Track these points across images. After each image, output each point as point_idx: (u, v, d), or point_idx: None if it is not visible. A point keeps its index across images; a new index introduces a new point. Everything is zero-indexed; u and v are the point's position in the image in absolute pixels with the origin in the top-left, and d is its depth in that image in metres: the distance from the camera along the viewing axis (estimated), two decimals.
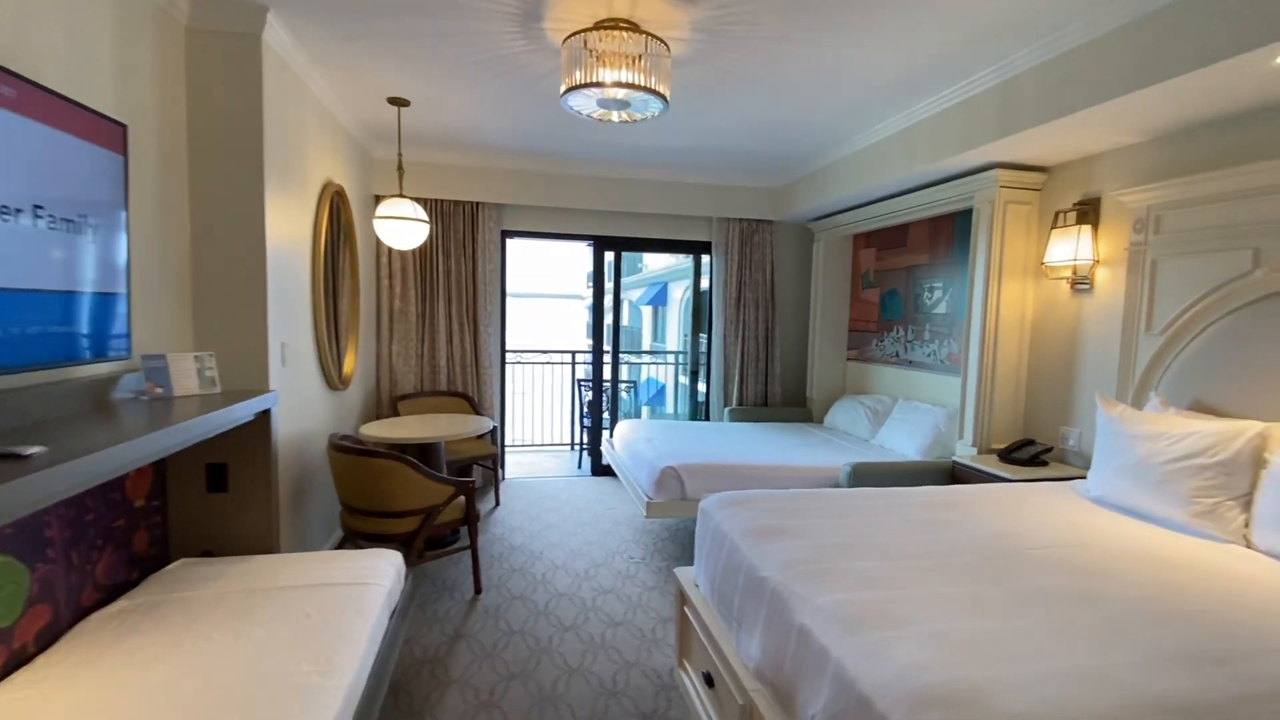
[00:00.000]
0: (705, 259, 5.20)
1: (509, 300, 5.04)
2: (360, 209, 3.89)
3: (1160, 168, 2.58)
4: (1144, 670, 1.13)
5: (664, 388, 11.04)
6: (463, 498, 2.88)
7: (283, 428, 2.62)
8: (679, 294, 12.59)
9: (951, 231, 3.76)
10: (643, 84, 2.25)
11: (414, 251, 4.41)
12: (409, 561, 2.60)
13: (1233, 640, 1.25)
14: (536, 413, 6.65)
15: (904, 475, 3.10)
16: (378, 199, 4.18)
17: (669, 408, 10.19)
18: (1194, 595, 1.47)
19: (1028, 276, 3.16)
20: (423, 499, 2.70)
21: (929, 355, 3.94)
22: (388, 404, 4.30)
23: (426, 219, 3.36)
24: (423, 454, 3.41)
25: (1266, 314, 2.15)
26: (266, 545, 2.23)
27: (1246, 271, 2.21)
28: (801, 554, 1.67)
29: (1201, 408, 2.31)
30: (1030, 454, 2.90)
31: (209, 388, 2.16)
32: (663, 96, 2.35)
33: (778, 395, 5.04)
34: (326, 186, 3.17)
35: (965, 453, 3.22)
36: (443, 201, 4.44)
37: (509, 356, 5.45)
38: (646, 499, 3.11)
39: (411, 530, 2.71)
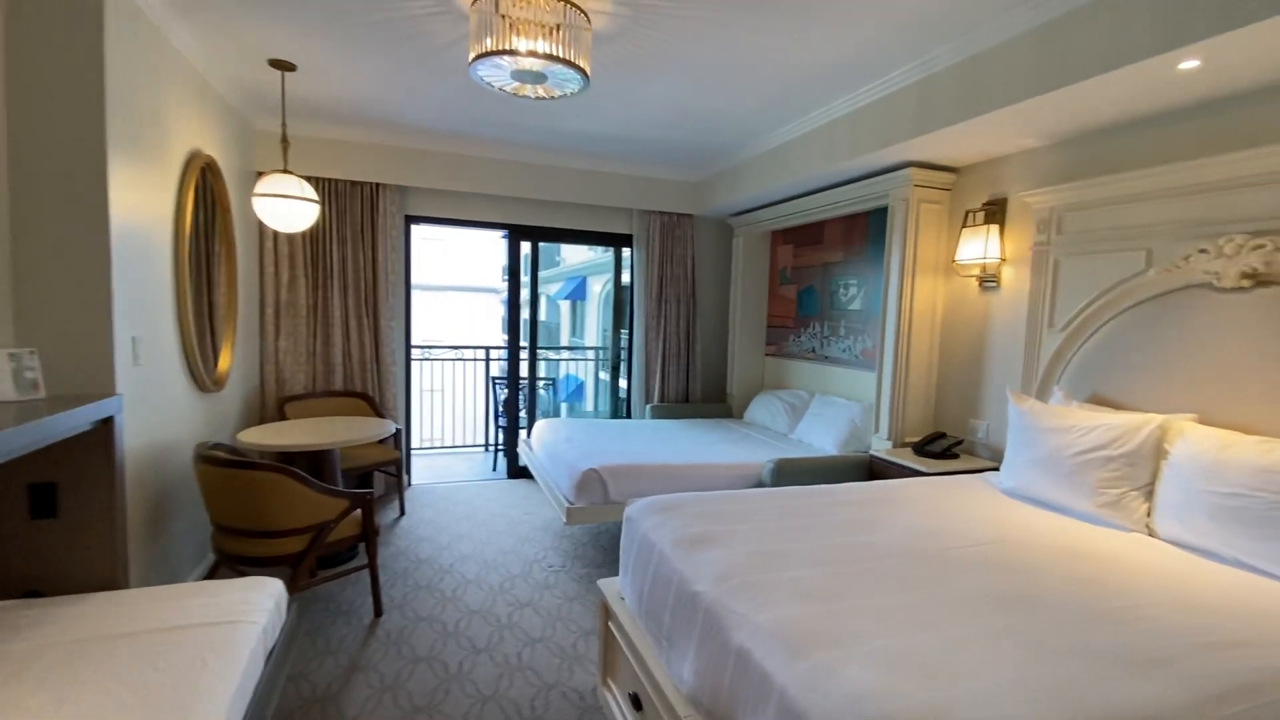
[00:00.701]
0: (626, 252, 5.07)
1: (415, 293, 4.69)
2: (239, 186, 3.44)
3: (1062, 171, 2.69)
4: (1091, 679, 1.09)
5: (583, 384, 10.85)
6: (359, 511, 2.58)
7: (135, 438, 2.23)
8: (598, 288, 12.42)
9: (866, 229, 3.83)
10: (561, 55, 2.06)
11: (304, 236, 3.97)
12: (296, 586, 2.29)
13: (1161, 639, 1.25)
14: (447, 412, 6.28)
15: (824, 471, 3.10)
16: (261, 176, 3.72)
17: (589, 405, 10.02)
18: (1114, 591, 1.49)
19: (938, 274, 3.25)
20: (312, 515, 2.39)
21: (844, 351, 4.00)
22: (273, 407, 3.86)
23: (316, 199, 3.00)
24: (313, 463, 3.05)
25: (1157, 312, 2.27)
26: (110, 580, 1.86)
27: (1140, 271, 2.33)
28: (734, 565, 1.56)
29: (1099, 400, 2.43)
30: (943, 447, 2.97)
31: (29, 392, 1.77)
32: (583, 71, 2.17)
33: (698, 391, 5.00)
34: (194, 158, 2.74)
35: (881, 446, 3.28)
36: (337, 182, 4.03)
37: (416, 353, 5.09)
38: (567, 504, 2.93)
39: (299, 550, 2.39)
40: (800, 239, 4.48)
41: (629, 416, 5.04)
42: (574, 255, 14.64)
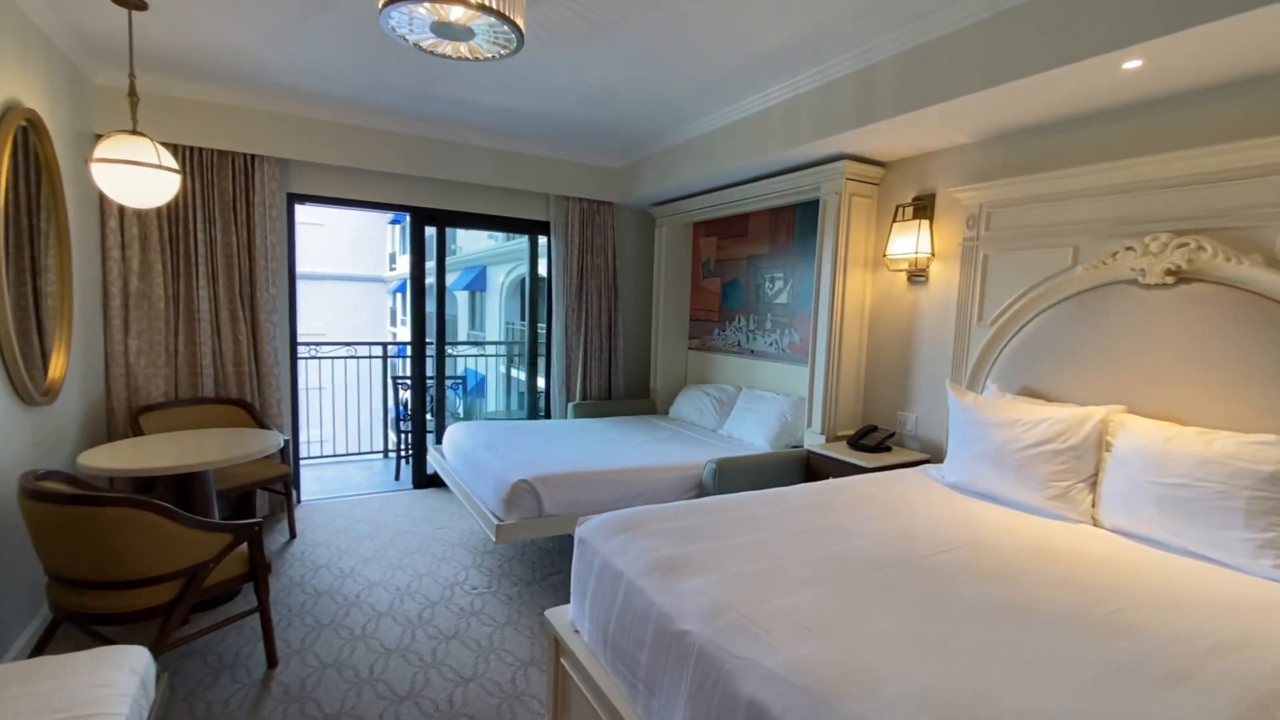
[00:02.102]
0: (543, 240, 4.76)
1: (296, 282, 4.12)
2: (72, 151, 2.79)
3: (991, 167, 2.75)
4: (1133, 703, 1.02)
5: (484, 379, 10.33)
6: (245, 545, 2.16)
7: None
8: (500, 279, 11.87)
9: (793, 222, 3.80)
10: (497, 8, 1.77)
11: (159, 214, 3.33)
12: (163, 642, 1.86)
13: (1166, 648, 1.22)
14: (339, 416, 5.66)
15: (765, 469, 3.03)
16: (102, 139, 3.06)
17: (491, 403, 9.54)
18: (1095, 595, 1.46)
19: (867, 268, 3.26)
20: (183, 556, 1.95)
21: (771, 345, 3.97)
22: (125, 419, 3.21)
23: (176, 168, 2.47)
24: (181, 489, 2.55)
25: (1084, 307, 2.36)
26: None
27: (1068, 267, 2.41)
28: (721, 595, 1.38)
29: (1029, 392, 2.50)
30: (877, 440, 2.99)
31: None
32: (519, 30, 1.89)
33: (621, 387, 4.81)
34: (9, 112, 2.15)
35: (815, 441, 3.26)
36: (204, 151, 3.42)
37: (302, 350, 4.50)
38: (496, 520, 2.64)
39: (168, 600, 1.94)
40: (724, 231, 4.40)
41: (548, 416, 4.76)
42: (472, 243, 13.93)
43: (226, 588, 2.12)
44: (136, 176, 2.40)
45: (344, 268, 17.26)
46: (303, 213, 4.19)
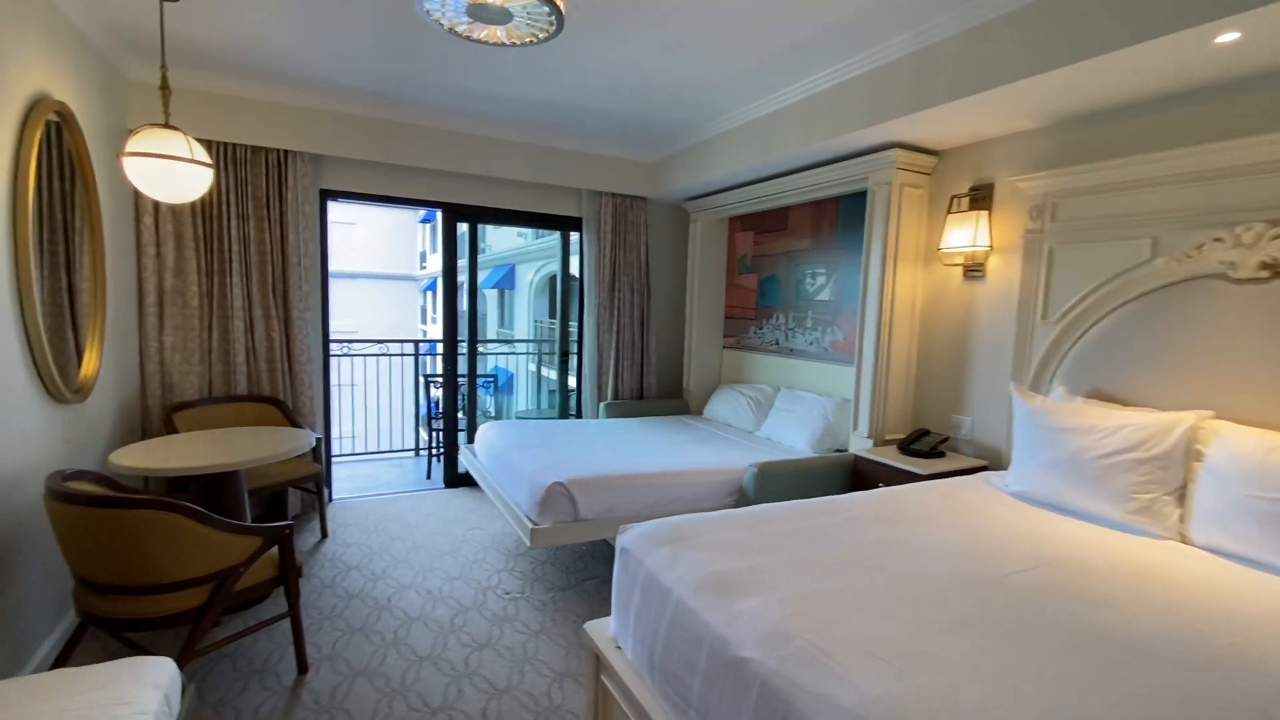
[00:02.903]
0: (574, 237, 4.66)
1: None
2: (106, 146, 2.78)
3: (1057, 154, 2.56)
4: None
5: (513, 377, 10.32)
6: (276, 549, 2.10)
7: None
8: (529, 277, 11.85)
9: (836, 215, 3.64)
10: None
11: (194, 211, 3.32)
12: (191, 649, 1.81)
13: None
14: (370, 414, 5.66)
15: (809, 474, 2.89)
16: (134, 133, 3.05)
17: (520, 400, 9.51)
18: (1202, 623, 1.30)
19: (918, 262, 3.09)
20: (212, 560, 1.89)
21: (812, 343, 3.81)
22: (159, 417, 3.20)
23: (209, 162, 2.43)
24: (212, 488, 2.51)
25: (1164, 303, 2.16)
26: None
27: (1145, 260, 2.22)
28: (783, 619, 1.26)
29: (1100, 396, 2.31)
30: (930, 445, 2.82)
31: None
32: (557, 9, 1.79)
33: (653, 387, 4.70)
34: (38, 104, 2.12)
35: (861, 445, 3.10)
36: (237, 147, 3.39)
37: (334, 347, 4.49)
38: (530, 524, 2.54)
39: (196, 606, 1.89)
40: (762, 226, 4.25)
41: (580, 415, 4.67)
42: (501, 241, 13.96)
43: (256, 592, 2.06)
44: (169, 171, 2.35)
45: (377, 266, 17.47)
46: (336, 211, 4.18)
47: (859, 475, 2.91)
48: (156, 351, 3.29)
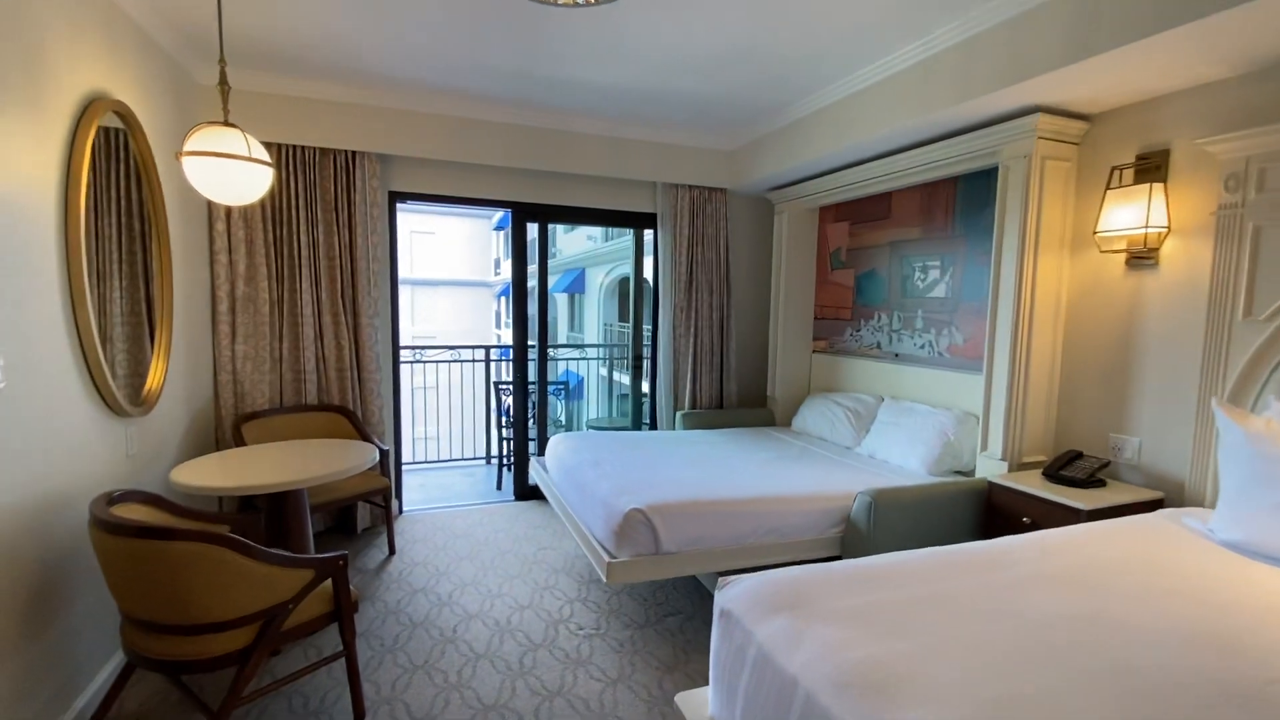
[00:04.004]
0: (648, 235, 4.36)
1: (400, 287, 3.97)
2: (173, 150, 2.71)
3: (1258, 108, 2.02)
4: None
5: (582, 381, 10.15)
6: (329, 582, 1.89)
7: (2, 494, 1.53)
8: (599, 280, 11.69)
9: (952, 198, 3.15)
10: None
11: (265, 216, 3.25)
12: (237, 696, 1.60)
13: None
14: (441, 419, 5.57)
15: (932, 504, 2.44)
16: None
17: (590, 405, 9.32)
18: None
19: (1063, 250, 2.58)
20: (259, 596, 1.69)
21: (923, 347, 3.33)
22: (230, 427, 3.14)
23: (269, 161, 2.27)
24: (275, 507, 2.36)
25: None
26: None
27: None
28: None
29: None
30: (1087, 471, 2.31)
31: None
32: None
33: (734, 395, 4.32)
34: (93, 104, 2.02)
35: (994, 468, 2.61)
36: (306, 150, 3.30)
37: (404, 354, 4.39)
38: (606, 557, 2.24)
39: (243, 647, 1.69)
40: (859, 215, 3.79)
41: (654, 425, 4.36)
42: (571, 245, 13.93)
43: (307, 630, 1.85)
44: (226, 170, 2.20)
45: (455, 273, 17.91)
46: (416, 221, 4.10)
47: (995, 507, 2.44)
48: (229, 360, 3.23)
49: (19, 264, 1.66)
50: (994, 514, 2.43)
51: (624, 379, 7.45)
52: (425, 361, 5.47)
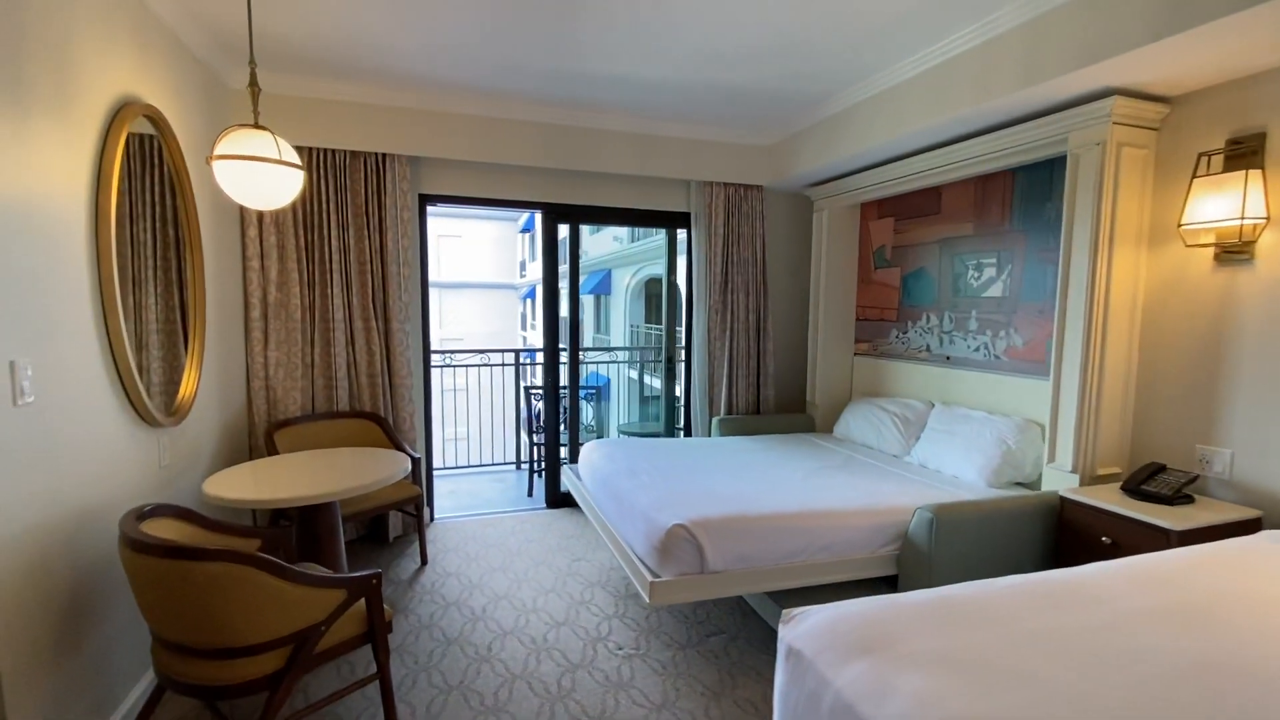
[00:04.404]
0: (681, 235, 4.23)
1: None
2: (205, 155, 2.67)
3: None
4: None
5: (608, 383, 10.06)
6: (362, 602, 1.80)
7: (23, 511, 1.47)
8: (625, 281, 11.60)
9: (1010, 191, 2.96)
10: None
11: (295, 221, 3.21)
12: (270, 717, 1.52)
13: None
14: (470, 422, 5.52)
15: (998, 521, 2.27)
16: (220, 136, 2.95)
17: (619, 412, 9.21)
18: None
19: (1141, 245, 2.38)
20: (291, 618, 1.61)
21: (978, 350, 3.14)
22: (262, 436, 3.10)
23: (299, 164, 2.21)
24: (307, 520, 2.30)
25: None
26: None
27: None
28: None
29: None
30: (1174, 486, 2.11)
31: None
32: None
33: (771, 400, 4.16)
34: (124, 107, 1.97)
35: (1063, 481, 2.43)
36: (336, 152, 3.25)
37: (436, 359, 4.33)
38: (649, 576, 2.12)
39: (274, 671, 1.61)
40: (905, 210, 3.61)
41: (688, 431, 4.23)
42: (597, 246, 13.87)
43: (340, 652, 1.77)
44: (257, 174, 2.13)
45: (482, 276, 18.01)
46: (442, 225, 4.04)
47: (1069, 525, 2.25)
48: (262, 367, 3.19)
49: (48, 272, 1.61)
50: (1068, 532, 2.25)
51: (654, 382, 7.34)
52: (455, 366, 5.42)
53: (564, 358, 4.11)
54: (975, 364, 3.15)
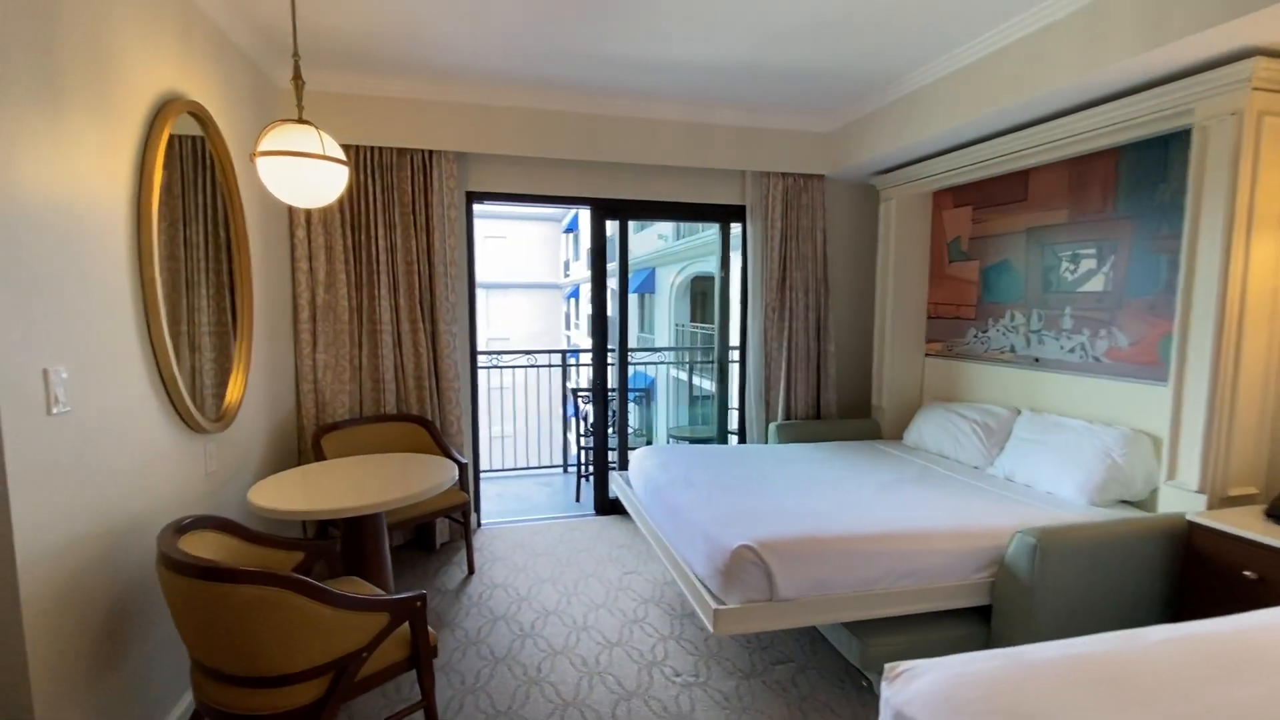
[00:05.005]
0: (735, 230, 4.02)
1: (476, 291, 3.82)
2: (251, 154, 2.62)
3: None
4: None
5: (653, 383, 9.89)
6: (407, 625, 1.68)
7: (60, 523, 1.40)
8: (670, 279, 11.40)
9: (1113, 173, 2.64)
10: None
11: (343, 220, 3.15)
12: None
13: None
14: (516, 422, 5.44)
15: (1115, 548, 1.99)
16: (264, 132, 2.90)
17: (665, 414, 9.02)
18: None
19: None
20: (331, 645, 1.50)
21: (1074, 351, 2.83)
22: (311, 440, 3.04)
23: (343, 159, 2.11)
24: (352, 533, 2.20)
25: None
26: None
27: None
28: None
29: None
30: None
31: None
32: None
33: (832, 404, 3.91)
34: (167, 105, 1.90)
35: (1186, 502, 2.12)
36: (383, 150, 3.18)
37: (483, 359, 4.25)
38: (712, 603, 1.93)
39: (313, 701, 1.50)
40: (986, 198, 3.31)
41: (743, 437, 4.02)
42: (641, 245, 13.71)
43: (382, 679, 1.65)
44: (301, 170, 2.05)
45: (527, 276, 18.11)
46: (488, 226, 3.95)
47: (1199, 554, 1.96)
48: (311, 370, 3.15)
49: (84, 276, 1.53)
50: (1198, 564, 1.95)
51: (703, 383, 7.13)
52: (502, 367, 5.35)
53: (611, 358, 3.96)
54: (1069, 366, 2.83)
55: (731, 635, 2.47)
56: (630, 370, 10.13)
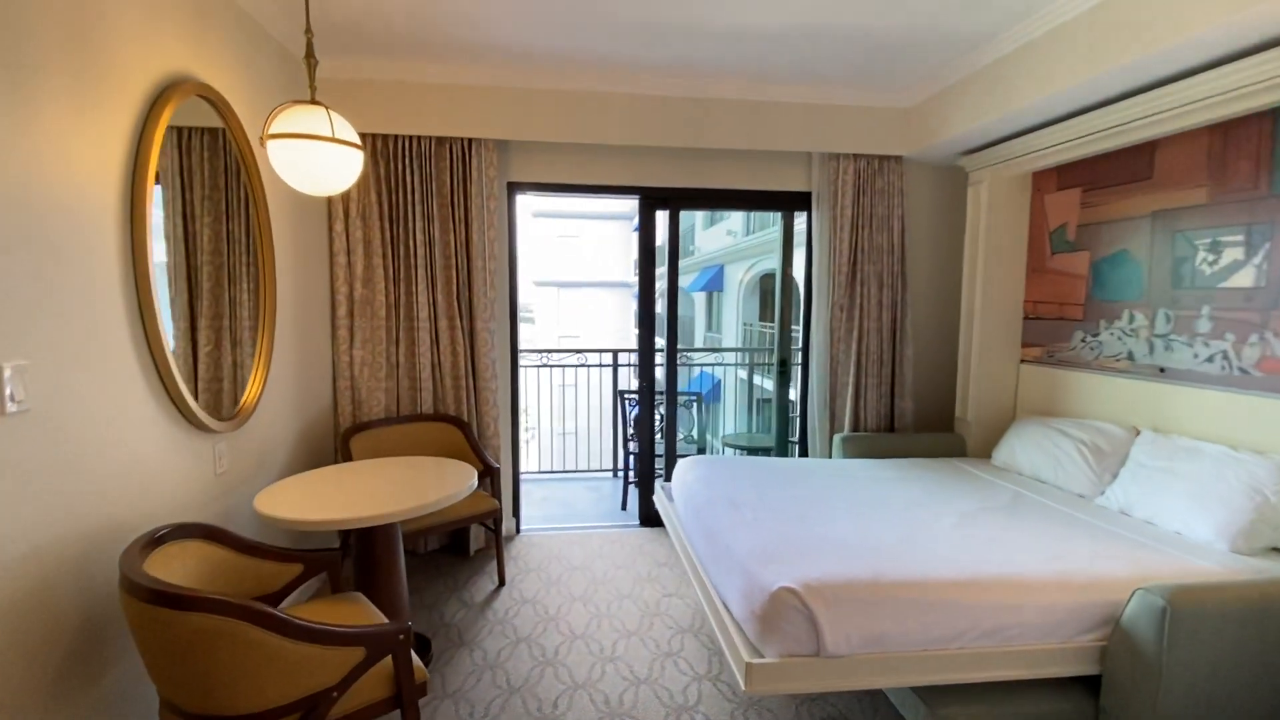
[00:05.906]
0: (799, 221, 3.66)
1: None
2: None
3: None
4: None
5: (718, 384, 9.53)
6: (389, 660, 1.49)
7: (24, 528, 1.29)
8: (739, 277, 11.00)
9: (1268, 140, 2.11)
10: None
11: (381, 214, 3.05)
12: None
13: None
14: (567, 423, 5.28)
15: (1268, 615, 1.53)
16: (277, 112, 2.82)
17: (729, 419, 8.65)
18: None
19: None
20: (290, 683, 1.32)
21: (1211, 359, 2.31)
22: (341, 439, 2.96)
23: (357, 143, 1.96)
24: (364, 544, 2.06)
25: None
26: None
27: None
28: None
29: None
30: None
31: None
32: None
33: (908, 415, 3.47)
34: (171, 87, 1.80)
35: None
36: (422, 140, 3.05)
37: (524, 358, 4.09)
38: (745, 654, 1.63)
39: None
40: (1098, 178, 2.80)
41: (804, 449, 3.65)
42: (710, 241, 13.38)
43: (364, 718, 1.46)
44: (311, 154, 1.92)
45: (597, 275, 18.11)
46: (561, 225, 3.78)
47: None
48: (347, 366, 3.08)
49: (56, 268, 1.43)
50: None
51: (767, 384, 6.73)
52: (552, 366, 5.20)
53: (660, 359, 3.70)
54: (1207, 379, 2.32)
55: None
56: (691, 372, 9.78)
